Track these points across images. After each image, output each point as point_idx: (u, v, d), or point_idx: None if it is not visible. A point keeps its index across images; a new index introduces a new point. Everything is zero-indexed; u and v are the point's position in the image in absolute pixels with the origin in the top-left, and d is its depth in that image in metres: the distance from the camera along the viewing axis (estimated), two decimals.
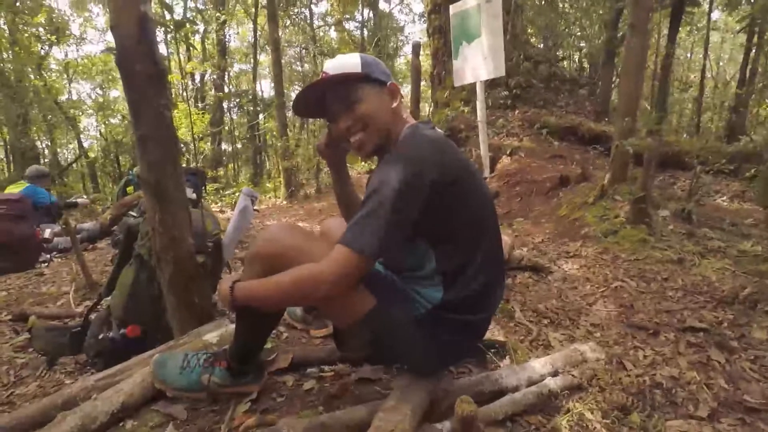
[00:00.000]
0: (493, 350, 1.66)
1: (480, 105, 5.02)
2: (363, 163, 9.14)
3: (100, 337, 1.60)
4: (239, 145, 14.58)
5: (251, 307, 1.14)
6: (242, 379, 1.32)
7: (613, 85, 8.41)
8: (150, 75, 1.33)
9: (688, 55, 16.43)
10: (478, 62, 4.95)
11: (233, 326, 1.37)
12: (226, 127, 13.39)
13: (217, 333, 1.50)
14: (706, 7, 8.94)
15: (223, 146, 14.30)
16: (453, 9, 5.28)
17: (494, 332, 1.73)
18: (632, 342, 1.86)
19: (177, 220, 1.48)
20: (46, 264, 3.55)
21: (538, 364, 1.52)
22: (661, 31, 11.45)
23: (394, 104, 1.18)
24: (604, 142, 5.58)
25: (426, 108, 10.84)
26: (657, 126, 3.66)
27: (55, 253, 3.86)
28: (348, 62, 1.18)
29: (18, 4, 9.45)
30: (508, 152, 5.56)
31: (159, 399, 1.29)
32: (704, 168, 3.45)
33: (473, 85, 5.02)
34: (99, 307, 1.90)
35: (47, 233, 3.91)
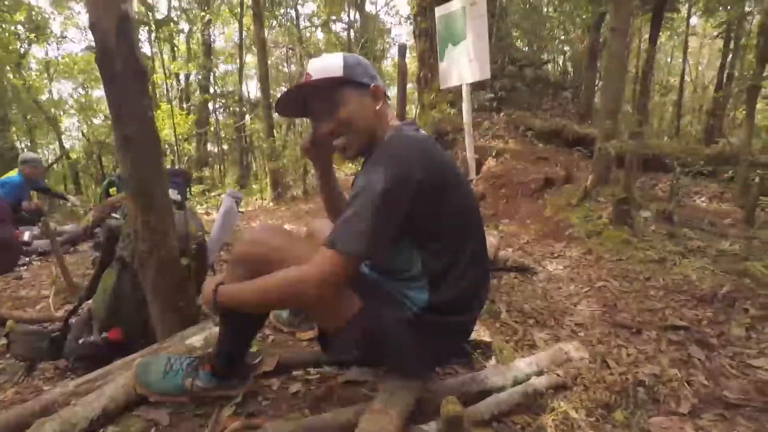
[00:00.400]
0: (478, 351, 1.67)
1: (466, 107, 5.06)
2: (350, 164, 9.14)
3: (81, 341, 1.57)
4: (225, 146, 14.44)
5: (236, 310, 1.13)
6: (227, 382, 1.31)
7: (596, 88, 8.56)
8: (131, 74, 1.31)
9: (669, 59, 16.82)
10: (464, 65, 4.99)
11: (217, 329, 1.35)
12: (212, 128, 13.24)
13: (201, 336, 1.48)
14: (685, 12, 9.15)
15: (209, 147, 14.15)
16: (438, 12, 5.31)
17: (480, 333, 1.74)
18: (615, 341, 1.89)
19: (161, 222, 1.46)
20: (26, 267, 3.46)
21: (524, 364, 1.54)
22: (642, 35, 11.70)
23: (378, 106, 1.18)
24: (587, 144, 5.67)
25: (413, 110, 10.87)
26: (638, 129, 3.74)
27: (34, 256, 3.77)
28: (330, 64, 1.16)
29: None
30: (493, 154, 5.61)
31: (141, 404, 1.26)
32: (684, 170, 3.52)
33: (459, 88, 5.06)
34: (80, 310, 1.86)
35: (26, 236, 3.82)
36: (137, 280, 1.59)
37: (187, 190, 4.29)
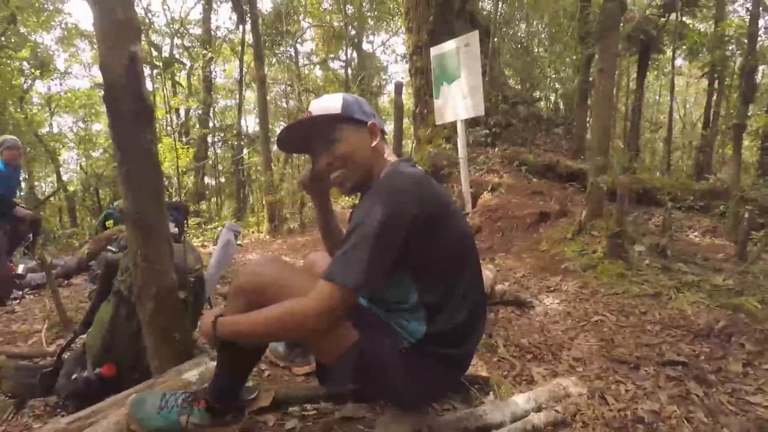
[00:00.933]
0: (476, 386, 1.66)
1: (461, 142, 5.19)
2: (348, 198, 9.21)
3: (74, 377, 1.54)
4: (223, 180, 14.57)
5: (233, 343, 1.13)
6: (222, 419, 1.28)
7: (587, 125, 8.81)
8: (137, 113, 1.35)
9: (657, 97, 17.39)
10: (458, 102, 5.16)
11: (213, 364, 1.34)
12: (210, 162, 13.39)
13: (197, 371, 1.47)
14: (670, 54, 9.57)
15: (207, 180, 14.25)
16: (434, 51, 5.54)
17: (477, 367, 1.74)
18: (614, 376, 1.88)
19: (160, 256, 1.47)
20: (18, 301, 3.42)
21: (522, 400, 1.53)
22: (631, 75, 12.15)
23: (374, 143, 1.23)
24: (580, 179, 5.78)
25: (409, 144, 11.09)
26: (630, 164, 3.85)
27: (27, 289, 3.73)
28: (330, 103, 1.23)
29: (2, 38, 9.50)
30: (489, 188, 5.69)
31: None
32: (675, 204, 3.59)
33: (454, 123, 5.20)
34: (73, 345, 1.84)
35: (21, 269, 3.80)
36: (134, 314, 1.58)
37: (185, 223, 4.31)
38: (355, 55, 16.45)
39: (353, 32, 15.56)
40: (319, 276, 1.08)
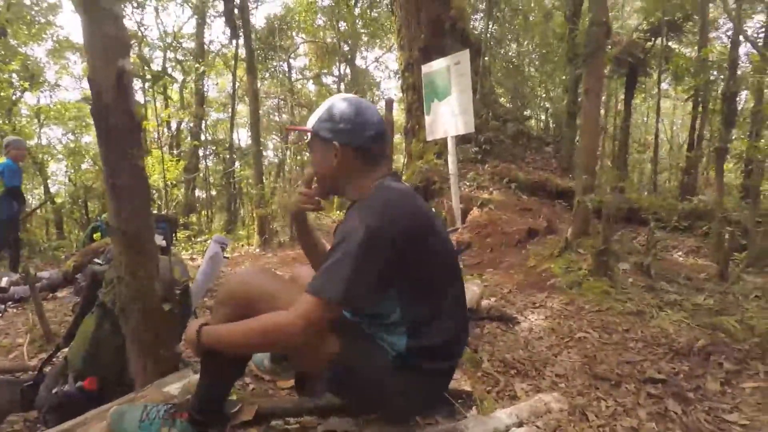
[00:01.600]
0: (459, 400, 1.67)
1: (451, 159, 5.26)
2: (338, 212, 9.23)
3: (54, 391, 1.53)
4: (214, 192, 14.52)
5: (217, 352, 1.14)
6: (204, 431, 1.29)
7: (576, 144, 8.98)
8: (125, 127, 1.37)
9: (645, 119, 17.78)
10: (449, 119, 5.25)
11: (197, 377, 1.34)
12: (201, 174, 13.37)
13: (180, 384, 1.46)
14: (656, 76, 9.84)
15: (198, 193, 14.20)
16: (425, 69, 5.65)
17: (461, 382, 1.75)
18: (595, 393, 1.91)
19: (146, 269, 1.47)
20: (0, 315, 3.37)
21: (504, 415, 1.54)
22: (619, 96, 12.43)
23: (335, 161, 1.23)
24: (569, 197, 5.87)
25: (401, 159, 11.18)
26: (619, 183, 3.92)
27: (10, 303, 3.67)
28: (315, 115, 1.29)
29: None
30: (478, 204, 5.76)
31: None
32: (660, 224, 3.66)
33: (445, 139, 5.28)
34: (55, 359, 1.82)
35: (4, 282, 3.74)
36: (117, 327, 1.57)
37: (173, 235, 4.29)
38: (348, 70, 16.69)
39: (346, 48, 15.81)
40: (304, 290, 1.09)
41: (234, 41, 11.78)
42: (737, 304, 2.74)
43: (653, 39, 9.31)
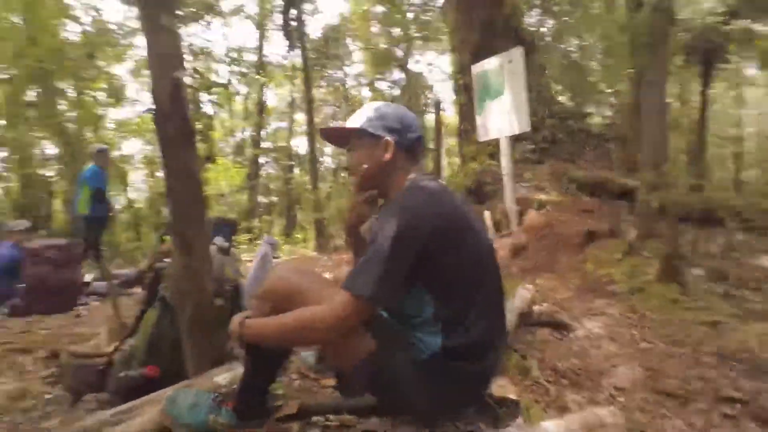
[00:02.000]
0: (504, 409, 1.60)
1: (505, 159, 5.12)
2: None
3: (120, 375, 1.67)
4: (274, 198, 15.20)
5: (258, 345, 1.20)
6: (247, 421, 1.34)
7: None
8: (181, 135, 1.48)
9: (730, 110, 16.18)
10: (502, 118, 5.12)
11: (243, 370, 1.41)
12: (262, 181, 14.05)
13: (229, 375, 1.54)
14: (738, 63, 8.98)
15: (259, 198, 14.94)
16: (476, 69, 5.58)
17: (506, 389, 1.68)
18: (659, 410, 1.75)
19: (199, 266, 1.58)
20: (85, 306, 3.74)
21: (552, 426, 1.46)
22: (696, 87, 11.45)
23: (386, 157, 1.27)
24: (634, 197, 5.48)
25: (456, 161, 11.05)
26: (695, 180, 3.59)
27: (93, 296, 4.07)
28: (360, 115, 1.34)
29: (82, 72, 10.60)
30: (535, 205, 5.53)
31: None
32: (739, 225, 3.31)
33: (499, 140, 5.15)
34: (124, 347, 1.99)
35: (88, 277, 4.17)
36: (175, 321, 1.69)
37: (232, 237, 4.54)
38: (402, 75, 16.78)
39: (400, 54, 15.91)
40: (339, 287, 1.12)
41: (291, 52, 12.29)
42: None
43: (731, 21, 8.47)
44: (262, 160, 15.11)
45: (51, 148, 11.68)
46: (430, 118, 18.23)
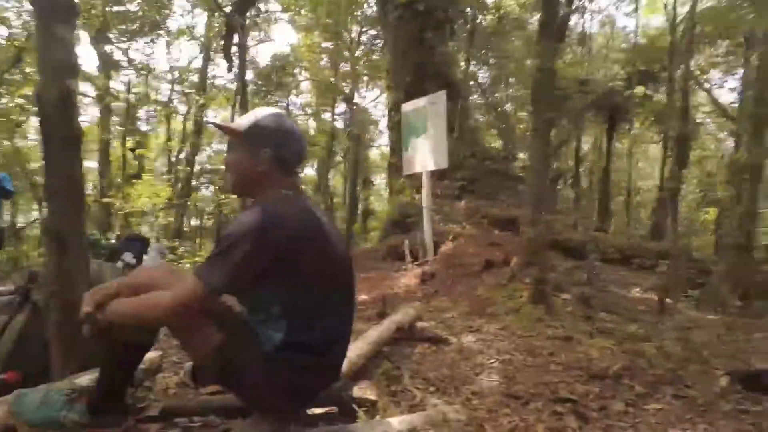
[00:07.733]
0: (363, 408, 1.76)
1: (425, 193, 5.52)
2: None
3: None
4: (206, 219, 14.77)
5: (111, 335, 1.27)
6: (102, 418, 1.37)
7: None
8: (65, 139, 1.57)
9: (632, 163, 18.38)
10: (425, 155, 5.56)
11: None
12: (194, 202, 13.64)
13: (92, 377, 1.57)
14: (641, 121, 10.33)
15: (190, 220, 14.44)
16: (405, 108, 6.06)
17: (366, 391, 1.84)
18: (503, 409, 1.99)
19: (72, 267, 1.63)
20: None
21: (396, 422, 1.62)
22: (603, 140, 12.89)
23: (259, 167, 1.37)
24: None
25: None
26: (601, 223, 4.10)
27: None
28: (247, 119, 1.44)
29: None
30: (450, 238, 5.92)
31: None
32: (597, 257, 3.81)
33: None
34: None
35: None
36: (45, 323, 1.71)
37: (143, 254, 4.44)
38: (347, 108, 17.28)
39: (347, 89, 16.45)
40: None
41: (233, 76, 12.33)
42: (663, 332, 2.84)
43: (630, 87, 9.79)
44: (197, 181, 14.72)
45: None
46: (373, 153, 18.80)
